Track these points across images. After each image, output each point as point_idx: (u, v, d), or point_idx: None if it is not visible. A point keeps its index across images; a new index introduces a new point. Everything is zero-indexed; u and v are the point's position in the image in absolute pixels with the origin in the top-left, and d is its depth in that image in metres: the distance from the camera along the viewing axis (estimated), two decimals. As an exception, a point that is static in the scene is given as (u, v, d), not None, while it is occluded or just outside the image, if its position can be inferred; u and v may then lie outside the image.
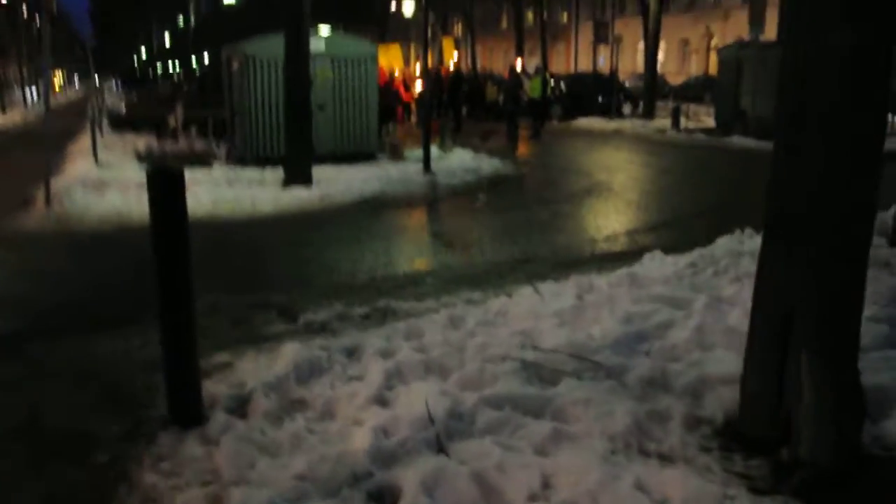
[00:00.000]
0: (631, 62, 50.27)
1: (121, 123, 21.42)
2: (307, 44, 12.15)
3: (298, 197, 11.12)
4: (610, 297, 5.55)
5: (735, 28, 45.57)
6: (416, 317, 5.49)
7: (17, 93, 46.65)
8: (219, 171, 13.40)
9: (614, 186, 12.66)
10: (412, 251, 8.26)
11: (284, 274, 7.28)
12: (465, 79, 26.44)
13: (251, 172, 13.19)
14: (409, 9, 40.25)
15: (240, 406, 3.99)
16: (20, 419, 4.04)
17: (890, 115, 7.23)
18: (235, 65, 15.96)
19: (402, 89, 19.74)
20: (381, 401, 3.91)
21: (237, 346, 5.03)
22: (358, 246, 8.36)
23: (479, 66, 43.42)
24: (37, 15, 11.21)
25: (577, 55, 54.66)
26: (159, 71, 56.09)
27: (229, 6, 23.14)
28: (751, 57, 21.90)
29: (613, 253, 7.88)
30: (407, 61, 39.09)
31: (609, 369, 4.31)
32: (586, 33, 56.68)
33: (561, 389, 4.04)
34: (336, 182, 12.28)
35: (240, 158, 15.68)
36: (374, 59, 16.09)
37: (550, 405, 3.88)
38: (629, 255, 7.39)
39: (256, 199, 10.90)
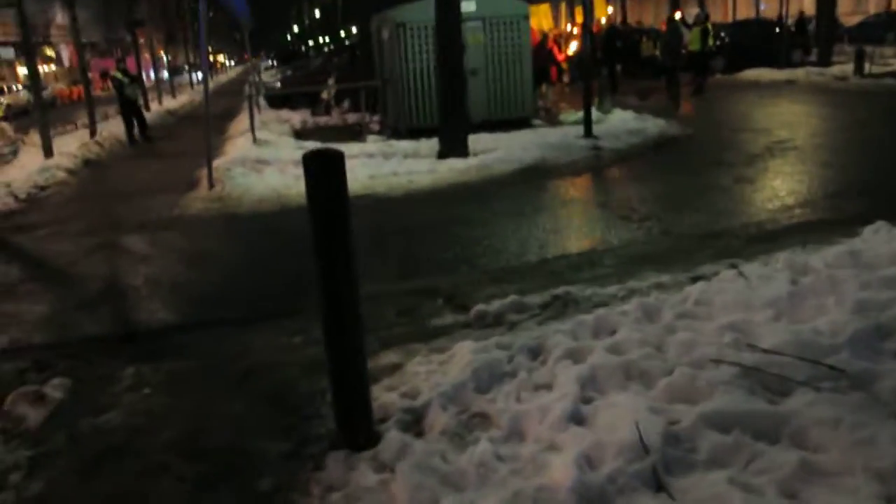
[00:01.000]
0: (797, 4, 46.49)
1: (277, 100, 21.79)
2: (458, 6, 11.58)
3: (455, 169, 10.65)
4: (832, 280, 4.67)
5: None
6: (602, 307, 4.85)
7: (186, 77, 49.15)
8: (372, 144, 13.17)
9: (799, 144, 11.37)
10: (583, 226, 7.58)
11: (447, 255, 6.80)
12: (620, 34, 25.02)
13: (405, 144, 12.87)
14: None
15: (415, 421, 3.53)
16: (176, 431, 3.76)
17: None
18: (385, 34, 15.68)
19: (556, 49, 18.82)
20: (578, 418, 3.32)
21: (405, 342, 4.59)
22: (523, 221, 7.78)
23: (629, 20, 41.44)
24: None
25: (736, 2, 51.18)
26: (311, 46, 57.43)
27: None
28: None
29: (816, 223, 6.87)
30: (556, 21, 37.82)
31: (853, 377, 3.51)
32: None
33: (796, 405, 3.30)
34: (493, 151, 11.72)
35: (393, 130, 15.45)
36: (527, 18, 15.36)
37: (787, 426, 3.15)
38: (838, 227, 6.38)
39: (413, 172, 10.52)
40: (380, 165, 10.93)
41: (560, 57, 19.10)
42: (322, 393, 3.90)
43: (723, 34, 28.02)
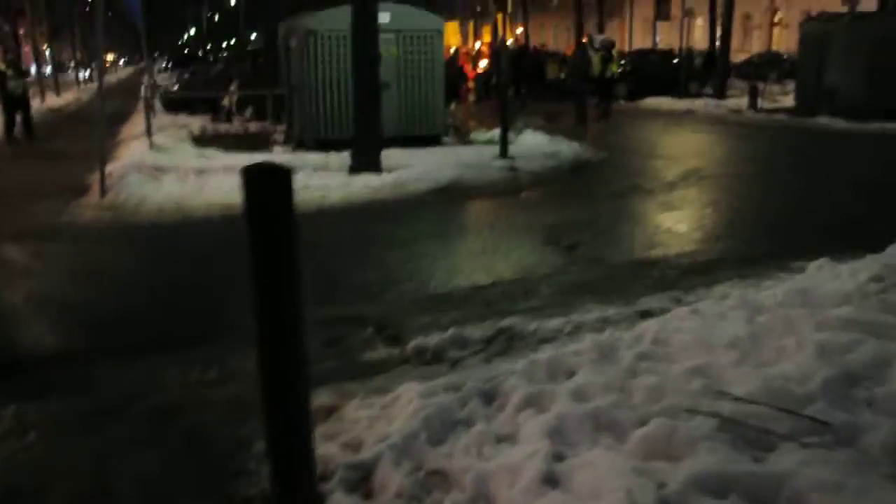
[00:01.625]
0: (690, 39, 48.34)
1: (174, 104, 20.71)
2: (376, 16, 11.15)
3: (369, 185, 10.18)
4: (787, 320, 4.48)
5: (801, 3, 43.55)
6: (548, 342, 4.50)
7: (71, 74, 46.60)
8: (279, 155, 12.56)
9: (711, 173, 11.48)
10: (511, 250, 7.23)
11: (370, 278, 6.32)
12: (528, 56, 25.18)
13: (314, 157, 12.29)
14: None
15: (362, 479, 3.05)
16: (67, 495, 3.14)
17: None
18: (294, 41, 15.07)
19: (467, 66, 18.64)
20: (553, 480, 2.92)
21: (337, 380, 4.10)
22: (448, 243, 7.40)
23: (531, 42, 41.98)
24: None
25: (633, 32, 52.84)
26: (209, 50, 55.62)
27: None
28: (840, 31, 20.39)
29: (752, 256, 6.76)
30: (464, 38, 37.91)
31: (836, 431, 3.27)
32: (641, 9, 54.92)
33: (788, 464, 3.00)
34: (407, 167, 11.31)
35: (299, 141, 14.81)
36: (441, 33, 15.08)
37: (784, 489, 2.85)
38: (774, 260, 6.31)
39: (325, 187, 9.98)
40: (290, 178, 10.31)
41: (471, 74, 18.93)
42: (247, 442, 3.38)
43: (623, 62, 28.68)
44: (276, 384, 2.76)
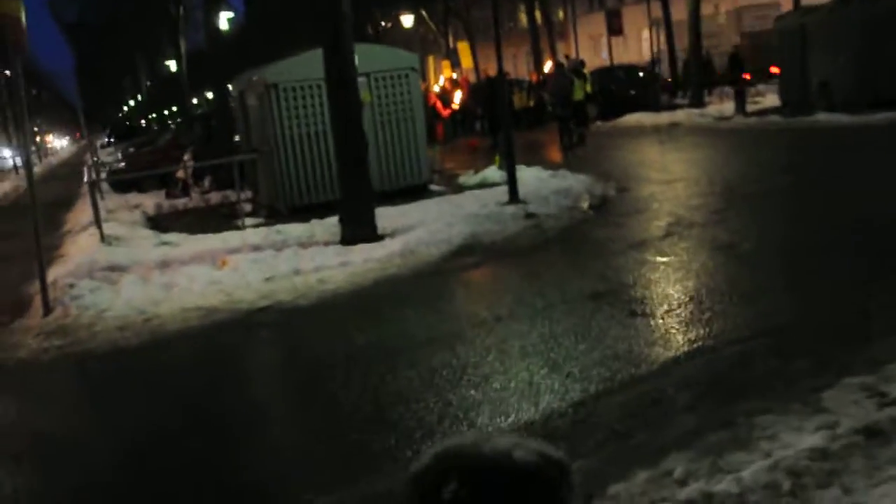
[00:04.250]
0: (636, 52, 47.67)
1: (122, 182, 18.78)
2: (351, 54, 9.51)
3: (374, 258, 8.45)
4: None
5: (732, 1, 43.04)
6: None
7: (9, 161, 44.21)
8: (254, 231, 10.76)
9: (752, 192, 9.97)
10: (592, 334, 5.52)
11: (418, 413, 4.58)
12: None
13: (295, 228, 10.54)
14: (408, 20, 37.95)
15: None
16: None
17: None
18: (253, 99, 13.39)
19: (439, 104, 17.11)
20: None
21: None
22: (500, 333, 5.68)
23: (481, 72, 40.70)
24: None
25: (579, 51, 52.14)
26: (152, 118, 53.59)
27: (226, 34, 20.43)
28: (820, 22, 19.30)
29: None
30: (423, 75, 36.51)
31: None
32: (585, 28, 54.25)
33: None
34: (407, 229, 9.63)
35: (270, 210, 13.07)
36: (417, 71, 13.53)
37: None
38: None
39: (320, 268, 8.23)
40: (274, 261, 8.55)
41: (445, 112, 17.41)
42: None
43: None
44: None
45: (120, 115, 79.47)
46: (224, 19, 22.47)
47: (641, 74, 28.13)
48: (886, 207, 8.26)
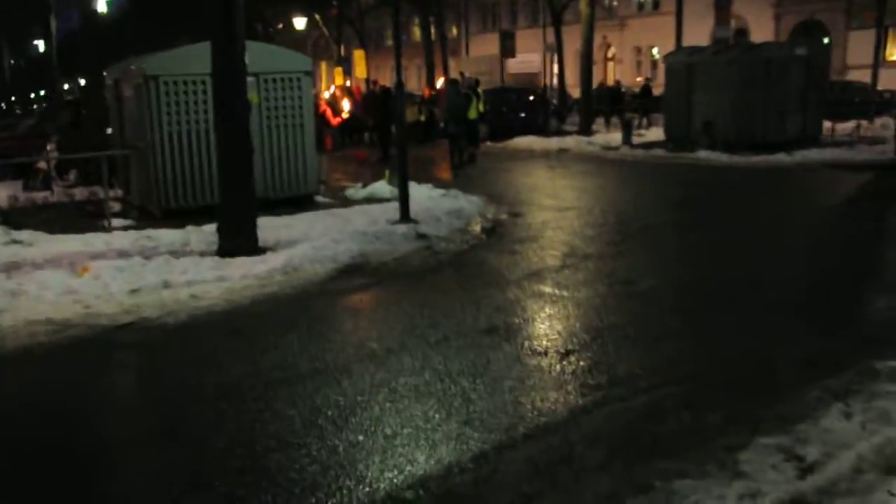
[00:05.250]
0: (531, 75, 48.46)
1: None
2: (241, 51, 8.83)
3: (253, 273, 7.78)
4: None
5: (633, 38, 44.60)
6: None
7: None
8: (122, 235, 9.84)
9: (644, 225, 9.97)
10: (493, 375, 5.08)
11: (303, 461, 4.05)
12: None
13: (168, 234, 9.72)
14: (300, 23, 37.00)
15: None
16: None
17: None
18: (129, 90, 12.39)
19: (329, 112, 16.48)
20: None
21: None
22: (394, 367, 5.20)
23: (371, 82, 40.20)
24: None
25: (469, 69, 52.51)
26: (14, 101, 49.90)
27: (103, 16, 18.92)
28: (705, 64, 19.94)
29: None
30: (315, 81, 35.59)
31: None
32: (477, 47, 54.75)
33: None
34: (291, 243, 9.03)
35: (141, 211, 12.13)
36: (310, 75, 12.89)
37: None
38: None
39: (193, 282, 7.50)
40: (142, 271, 7.74)
41: (335, 121, 16.80)
42: None
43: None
44: None
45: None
46: (102, 2, 21.06)
47: (532, 98, 28.35)
48: (778, 248, 8.35)
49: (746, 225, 9.85)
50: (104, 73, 13.97)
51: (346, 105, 20.23)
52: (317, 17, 40.40)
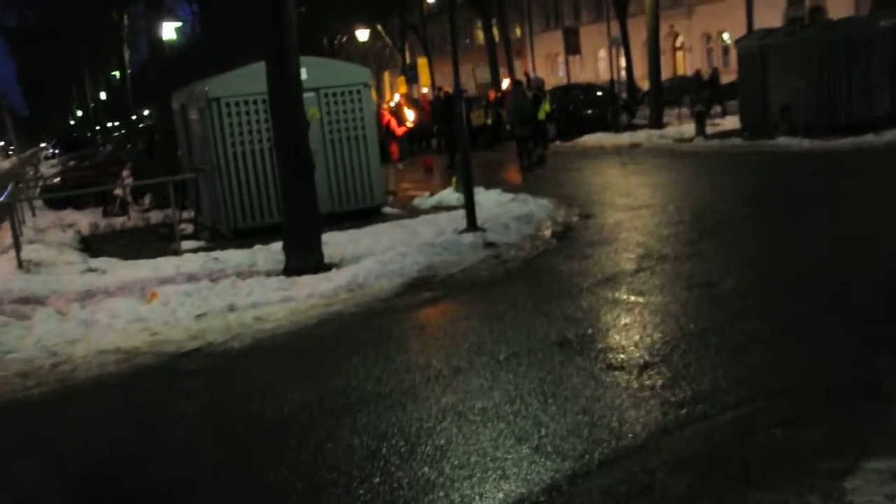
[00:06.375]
0: (593, 72, 47.65)
1: (57, 198, 17.67)
2: (297, 68, 8.73)
3: (318, 292, 7.66)
4: None
5: (701, 25, 43.29)
6: None
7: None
8: (191, 258, 9.88)
9: (726, 220, 9.45)
10: (565, 395, 4.79)
11: (365, 495, 3.83)
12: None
13: (236, 255, 9.71)
14: (363, 35, 37.19)
15: None
16: None
17: None
18: (194, 113, 12.53)
19: (393, 122, 16.39)
20: None
21: None
22: (461, 389, 4.95)
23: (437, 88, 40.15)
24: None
25: (536, 69, 52.04)
26: (98, 130, 51.81)
27: (173, 44, 19.41)
28: (779, 46, 19.07)
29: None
30: (379, 91, 35.81)
31: None
32: (542, 46, 54.19)
33: None
34: (356, 258, 8.89)
35: (212, 232, 12.24)
36: (369, 87, 12.78)
37: None
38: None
39: (259, 304, 7.42)
40: (208, 294, 7.71)
41: (399, 131, 16.70)
42: None
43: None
44: None
45: (67, 126, 77.03)
46: (170, 29, 21.52)
47: (600, 94, 27.75)
48: (873, 242, 7.75)
49: (835, 216, 9.23)
50: (172, 98, 14.19)
51: (409, 115, 20.09)
52: (379, 27, 40.57)
